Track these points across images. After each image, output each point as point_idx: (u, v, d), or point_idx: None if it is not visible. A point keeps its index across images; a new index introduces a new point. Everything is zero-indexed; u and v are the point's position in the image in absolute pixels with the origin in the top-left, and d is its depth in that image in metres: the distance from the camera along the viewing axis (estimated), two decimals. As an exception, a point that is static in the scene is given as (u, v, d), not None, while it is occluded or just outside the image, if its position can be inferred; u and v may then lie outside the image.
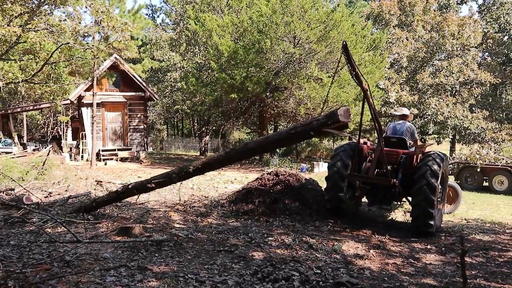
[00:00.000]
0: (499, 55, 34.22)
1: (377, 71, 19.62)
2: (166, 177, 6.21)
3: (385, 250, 5.70)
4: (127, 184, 6.90)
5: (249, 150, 5.95)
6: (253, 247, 5.32)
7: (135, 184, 6.57)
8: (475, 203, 10.95)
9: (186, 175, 6.19)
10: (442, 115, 23.92)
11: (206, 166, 6.07)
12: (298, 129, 5.40)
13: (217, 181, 13.12)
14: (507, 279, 4.56)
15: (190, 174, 6.16)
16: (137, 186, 6.45)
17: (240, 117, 22.62)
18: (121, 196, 6.66)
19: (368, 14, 26.25)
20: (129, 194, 6.53)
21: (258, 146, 5.97)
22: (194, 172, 6.05)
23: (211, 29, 18.46)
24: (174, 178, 6.16)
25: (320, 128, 5.24)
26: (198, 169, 6.02)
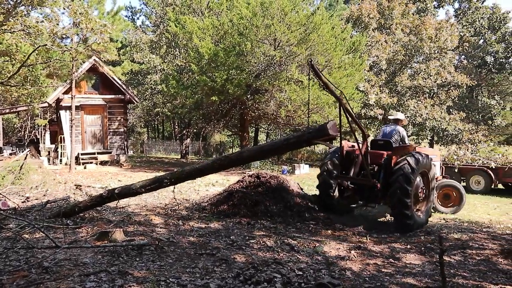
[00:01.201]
0: (475, 58, 35.02)
1: (356, 73, 19.83)
2: (157, 182, 6.29)
3: (366, 250, 5.75)
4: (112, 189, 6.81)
5: (244, 158, 6.30)
6: (235, 250, 5.31)
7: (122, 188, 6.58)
8: (453, 203, 11.15)
9: (178, 181, 6.41)
10: (420, 117, 24.30)
11: (198, 173, 6.37)
12: (292, 141, 6.00)
13: (198, 184, 13.07)
14: (484, 276, 4.65)
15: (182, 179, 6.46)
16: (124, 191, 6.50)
17: (221, 120, 22.57)
18: (106, 200, 6.66)
19: (347, 17, 26.51)
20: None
21: (253, 155, 6.32)
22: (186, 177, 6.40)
23: (191, 32, 18.38)
24: (166, 183, 6.28)
25: (311, 140, 5.90)
26: (190, 175, 6.30)
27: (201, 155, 35.86)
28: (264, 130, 33.81)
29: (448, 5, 37.75)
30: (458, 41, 28.72)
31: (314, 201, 8.04)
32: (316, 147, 37.15)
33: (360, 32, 25.10)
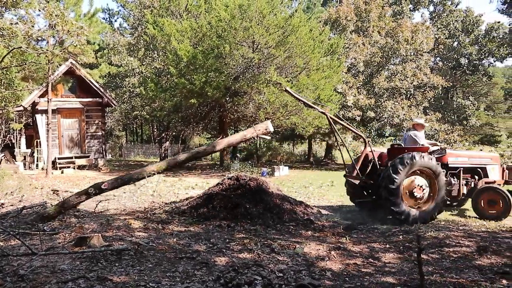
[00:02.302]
0: (450, 60, 35.79)
1: (334, 75, 20.02)
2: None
3: (346, 251, 5.80)
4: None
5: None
6: (215, 253, 5.30)
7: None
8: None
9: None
10: (398, 118, 24.65)
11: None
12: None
13: (177, 187, 13.00)
14: (461, 273, 4.74)
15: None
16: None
17: (200, 122, 22.49)
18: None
19: (325, 19, 26.74)
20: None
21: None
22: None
23: (169, 34, 18.28)
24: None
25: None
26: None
27: (180, 158, 35.57)
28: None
29: (423, 8, 38.52)
30: (434, 43, 29.34)
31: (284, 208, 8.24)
32: (295, 148, 37.39)
33: (338, 34, 25.35)
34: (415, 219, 7.85)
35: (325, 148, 34.81)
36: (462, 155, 9.29)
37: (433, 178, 8.05)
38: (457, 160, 8.94)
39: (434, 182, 8.06)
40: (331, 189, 13.96)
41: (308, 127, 19.86)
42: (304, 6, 31.46)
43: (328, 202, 11.20)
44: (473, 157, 9.34)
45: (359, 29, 26.77)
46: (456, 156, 9.03)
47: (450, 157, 8.83)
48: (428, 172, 8.03)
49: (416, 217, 7.89)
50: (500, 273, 4.71)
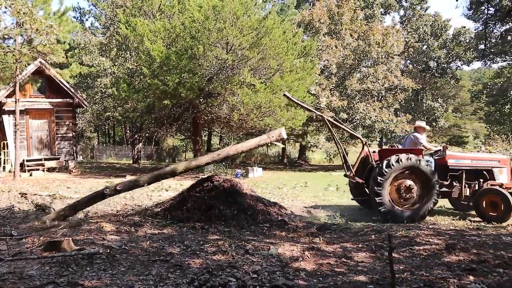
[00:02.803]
0: (419, 63, 36.67)
1: (308, 77, 20.20)
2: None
3: (319, 251, 5.84)
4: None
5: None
6: (189, 255, 5.26)
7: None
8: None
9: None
10: (369, 119, 25.05)
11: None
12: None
13: (151, 189, 12.85)
14: (430, 271, 4.85)
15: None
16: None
17: (174, 124, 22.31)
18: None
19: (299, 22, 26.96)
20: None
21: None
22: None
23: (142, 34, 18.06)
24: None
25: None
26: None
27: (153, 159, 35.25)
28: (217, 134, 33.72)
29: (394, 12, 39.37)
30: (404, 46, 29.95)
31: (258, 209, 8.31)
32: (269, 149, 37.51)
33: (311, 36, 25.60)
34: (402, 218, 8.10)
35: (299, 149, 35.06)
36: (465, 157, 9.33)
37: (423, 179, 8.25)
38: (458, 162, 9.02)
39: (423, 183, 8.26)
40: (304, 190, 14.06)
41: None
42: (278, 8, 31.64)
43: (302, 202, 11.29)
44: (477, 159, 9.33)
45: (332, 31, 27.10)
46: (457, 158, 9.12)
47: (450, 159, 8.95)
48: (417, 173, 8.26)
49: (403, 216, 8.15)
50: (467, 270, 4.85)
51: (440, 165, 8.84)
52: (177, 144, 38.13)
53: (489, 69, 44.41)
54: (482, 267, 4.96)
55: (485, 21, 28.97)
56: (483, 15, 29.27)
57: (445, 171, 8.84)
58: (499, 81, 32.15)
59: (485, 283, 4.37)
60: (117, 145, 40.32)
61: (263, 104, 17.81)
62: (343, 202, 11.31)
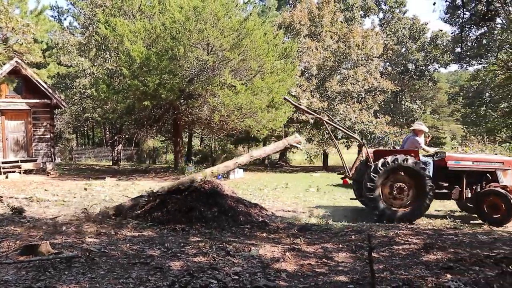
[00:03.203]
0: (398, 65, 37.21)
1: (288, 78, 20.29)
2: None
3: (300, 251, 5.87)
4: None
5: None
6: (169, 257, 5.23)
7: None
8: (380, 203, 11.71)
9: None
10: (349, 121, 25.27)
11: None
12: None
13: (131, 191, 12.73)
14: (409, 270, 4.92)
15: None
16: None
17: (154, 125, 22.14)
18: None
19: (280, 23, 27.07)
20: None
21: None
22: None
23: (122, 34, 17.87)
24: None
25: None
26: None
27: (134, 161, 34.90)
28: (198, 135, 33.59)
29: (373, 15, 39.88)
30: (383, 49, 30.34)
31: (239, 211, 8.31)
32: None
33: (292, 38, 25.73)
34: (395, 218, 8.24)
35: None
36: (466, 159, 9.19)
37: (417, 179, 8.33)
38: (459, 163, 8.95)
39: (417, 184, 8.35)
40: (285, 191, 14.11)
41: (262, 130, 20.02)
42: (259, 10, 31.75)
43: (283, 204, 11.33)
44: (479, 160, 9.17)
45: (312, 33, 27.29)
46: (457, 160, 9.05)
47: (450, 160, 8.93)
48: (410, 174, 8.36)
49: (395, 216, 8.28)
50: (445, 268, 4.95)
51: (439, 166, 8.85)
52: (157, 145, 37.84)
53: (465, 71, 45.44)
54: (459, 265, 5.06)
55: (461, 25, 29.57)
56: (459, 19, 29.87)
57: (445, 172, 8.84)
58: (475, 84, 32.84)
59: (461, 281, 4.46)
60: (96, 147, 39.77)
61: (244, 106, 17.82)
62: (324, 203, 11.41)
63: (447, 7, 30.27)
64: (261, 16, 26.43)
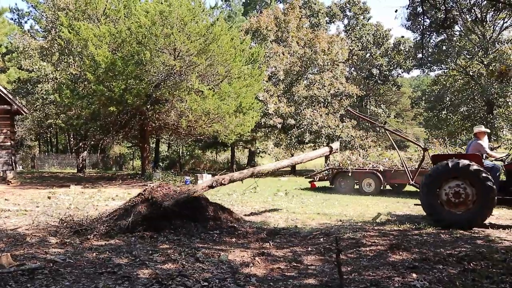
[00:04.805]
0: (363, 70, 38.03)
1: (256, 83, 20.38)
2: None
3: (270, 256, 5.90)
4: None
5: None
6: (137, 266, 5.15)
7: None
8: (348, 205, 11.92)
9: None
10: (316, 125, 25.61)
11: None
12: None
13: (97, 198, 12.46)
14: (376, 271, 5.04)
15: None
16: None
17: (120, 131, 21.73)
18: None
19: (247, 29, 27.23)
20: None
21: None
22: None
23: (86, 38, 17.49)
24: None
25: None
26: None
27: (100, 168, 34.16)
28: (166, 140, 33.25)
29: (338, 21, 40.63)
30: (348, 54, 30.96)
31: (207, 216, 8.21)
32: (218, 156, 37.47)
33: (259, 43, 25.91)
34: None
35: (248, 155, 35.25)
36: None
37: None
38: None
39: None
40: (254, 195, 14.14)
41: (230, 135, 20.01)
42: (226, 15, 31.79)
43: (252, 208, 11.35)
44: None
45: (279, 39, 27.57)
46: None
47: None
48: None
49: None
50: (410, 268, 5.10)
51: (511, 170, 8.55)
52: (124, 152, 37.21)
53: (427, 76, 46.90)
54: (423, 264, 5.23)
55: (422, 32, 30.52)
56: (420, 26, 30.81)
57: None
58: (436, 88, 33.90)
59: (426, 280, 4.61)
60: (60, 154, 38.72)
61: (212, 111, 17.76)
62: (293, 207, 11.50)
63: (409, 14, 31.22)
64: (228, 21, 26.51)
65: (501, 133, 28.78)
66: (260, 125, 25.20)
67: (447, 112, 32.24)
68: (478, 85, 29.01)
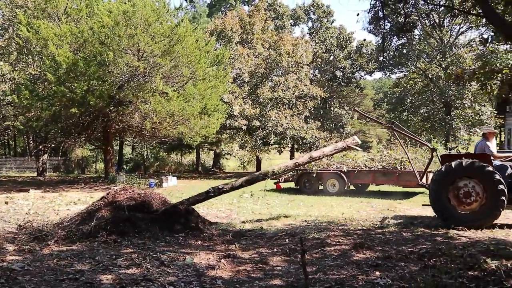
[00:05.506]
0: (327, 72, 38.62)
1: (221, 85, 20.37)
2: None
3: (236, 258, 5.89)
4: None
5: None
6: (100, 271, 5.04)
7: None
8: (313, 206, 12.07)
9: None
10: (281, 127, 25.80)
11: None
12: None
13: (58, 203, 12.13)
14: (341, 269, 5.14)
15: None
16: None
17: (83, 133, 21.21)
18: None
19: (211, 30, 27.13)
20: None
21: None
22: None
23: (46, 38, 16.97)
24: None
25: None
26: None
27: (61, 171, 33.19)
28: (130, 143, 32.67)
29: (303, 24, 41.13)
30: (312, 56, 31.36)
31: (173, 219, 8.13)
32: (183, 158, 37.15)
33: (224, 45, 25.87)
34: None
35: (213, 157, 35.12)
36: None
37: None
38: None
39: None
40: (219, 197, 14.04)
41: (195, 137, 19.90)
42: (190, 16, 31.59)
43: (217, 211, 11.32)
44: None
45: (244, 40, 27.63)
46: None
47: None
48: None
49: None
50: (374, 266, 5.22)
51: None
52: (86, 154, 36.29)
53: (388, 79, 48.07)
54: (386, 262, 5.37)
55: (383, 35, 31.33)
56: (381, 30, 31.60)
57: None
58: (397, 90, 34.85)
59: (389, 277, 4.74)
60: (19, 157, 37.34)
61: (176, 112, 17.62)
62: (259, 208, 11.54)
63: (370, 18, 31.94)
64: (192, 22, 26.34)
65: (458, 133, 29.91)
66: (225, 127, 25.18)
67: (408, 113, 33.21)
68: (437, 87, 30.05)
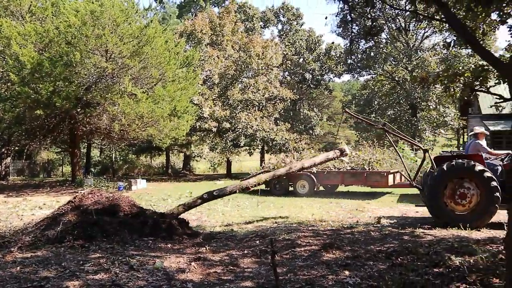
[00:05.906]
0: (296, 75, 38.99)
1: (190, 87, 20.26)
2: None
3: (206, 260, 5.87)
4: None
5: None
6: (67, 277, 4.93)
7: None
8: (283, 207, 12.15)
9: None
10: (251, 128, 25.87)
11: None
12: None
13: (22, 208, 11.78)
14: (311, 270, 5.20)
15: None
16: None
17: (48, 136, 20.65)
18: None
19: (181, 31, 26.96)
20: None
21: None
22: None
23: (9, 37, 16.45)
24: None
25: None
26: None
27: (25, 175, 32.21)
28: (98, 145, 32.03)
29: (272, 26, 41.39)
30: (282, 59, 31.59)
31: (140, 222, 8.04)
32: (153, 160, 36.71)
33: (194, 47, 25.74)
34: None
35: (183, 159, 34.86)
36: None
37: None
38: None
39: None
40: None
41: (165, 139, 19.73)
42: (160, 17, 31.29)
43: (187, 213, 11.23)
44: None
45: (214, 42, 27.58)
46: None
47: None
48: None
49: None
50: (343, 266, 5.32)
51: (508, 170, 8.51)
52: (52, 157, 35.34)
53: (356, 81, 48.96)
54: (355, 261, 5.47)
55: (351, 38, 31.91)
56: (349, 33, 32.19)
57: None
58: (365, 93, 35.54)
59: (358, 276, 4.83)
60: (-21, 160, 36.01)
61: (145, 114, 17.41)
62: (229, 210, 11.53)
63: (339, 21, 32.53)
64: (162, 23, 26.10)
65: (424, 134, 30.74)
66: (195, 129, 25.05)
67: (376, 115, 33.88)
68: (403, 89, 30.80)
